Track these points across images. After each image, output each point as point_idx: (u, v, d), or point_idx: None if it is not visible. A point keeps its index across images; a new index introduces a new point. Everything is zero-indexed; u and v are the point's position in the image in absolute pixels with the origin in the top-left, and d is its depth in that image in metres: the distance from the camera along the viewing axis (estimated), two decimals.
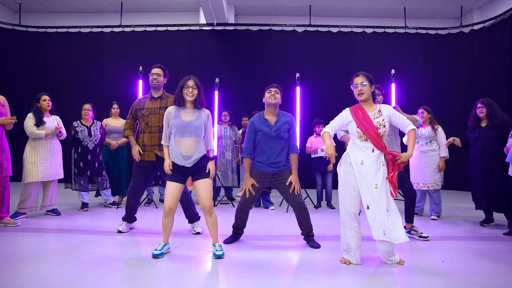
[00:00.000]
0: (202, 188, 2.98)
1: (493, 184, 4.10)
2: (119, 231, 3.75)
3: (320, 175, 5.59)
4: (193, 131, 2.95)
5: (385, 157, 2.80)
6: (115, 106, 5.44)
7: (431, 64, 8.31)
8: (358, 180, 2.78)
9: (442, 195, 4.97)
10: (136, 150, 3.65)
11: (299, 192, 3.32)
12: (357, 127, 2.80)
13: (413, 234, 3.71)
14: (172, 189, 2.96)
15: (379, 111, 2.86)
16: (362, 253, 2.94)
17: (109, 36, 8.77)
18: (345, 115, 2.89)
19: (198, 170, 3.01)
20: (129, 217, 3.84)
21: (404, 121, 2.88)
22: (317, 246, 3.32)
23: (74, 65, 8.66)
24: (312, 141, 5.61)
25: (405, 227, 3.72)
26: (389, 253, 2.86)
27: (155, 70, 3.72)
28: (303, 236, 3.46)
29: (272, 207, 5.43)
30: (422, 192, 4.89)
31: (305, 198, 5.81)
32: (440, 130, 4.78)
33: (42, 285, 2.32)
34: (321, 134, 2.93)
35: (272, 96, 3.37)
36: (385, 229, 2.72)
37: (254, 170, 3.39)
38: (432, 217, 4.74)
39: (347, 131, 3.23)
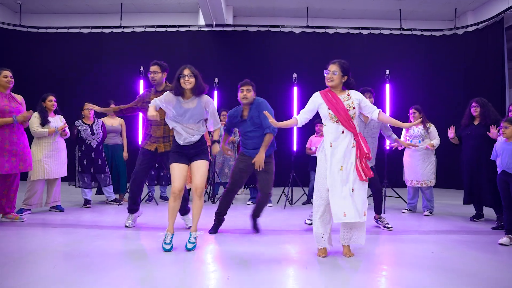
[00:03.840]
0: (198, 169, 3.09)
1: (483, 180, 4.25)
2: (126, 226, 3.87)
3: (314, 173, 5.71)
4: (193, 118, 3.07)
5: (354, 138, 2.89)
6: (112, 105, 5.51)
7: (426, 65, 8.47)
8: (328, 164, 2.89)
9: (435, 193, 5.13)
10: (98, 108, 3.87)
11: (261, 169, 3.54)
12: (329, 109, 2.92)
13: (380, 224, 4.09)
14: (178, 170, 3.06)
15: (348, 95, 2.98)
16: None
17: (109, 36, 8.86)
18: (316, 98, 3.01)
19: (198, 152, 3.15)
20: (133, 206, 3.88)
21: (370, 106, 3.00)
22: (257, 230, 3.75)
23: (74, 65, 8.74)
24: (311, 141, 5.77)
25: (374, 217, 4.17)
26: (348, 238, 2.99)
27: (152, 68, 3.85)
28: (252, 216, 3.78)
29: (269, 204, 5.56)
30: (415, 189, 5.04)
31: (301, 196, 5.96)
32: (432, 128, 4.94)
33: (49, 277, 2.45)
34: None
35: (244, 96, 3.60)
36: (345, 210, 2.79)
37: (243, 154, 3.70)
38: (425, 213, 4.89)
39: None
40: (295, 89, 6.01)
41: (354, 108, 2.93)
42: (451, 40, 8.51)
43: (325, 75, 3.00)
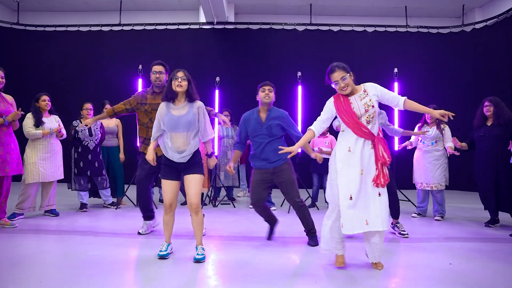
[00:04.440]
0: (192, 184, 2.88)
1: (499, 184, 4.05)
2: (139, 233, 3.67)
3: (317, 176, 5.54)
4: (184, 126, 2.84)
5: (372, 142, 2.65)
6: (107, 106, 5.28)
7: (433, 63, 8.25)
8: (340, 169, 2.65)
9: (446, 195, 4.92)
10: (90, 121, 3.70)
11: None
12: (339, 117, 2.70)
13: (396, 230, 3.84)
14: (169, 186, 2.92)
15: (365, 91, 2.70)
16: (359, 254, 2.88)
17: (108, 35, 8.68)
18: (330, 105, 2.76)
19: (190, 165, 2.92)
20: (147, 213, 3.69)
21: (393, 96, 2.69)
22: (314, 244, 3.34)
23: (73, 64, 8.58)
24: (313, 141, 5.55)
25: (391, 222, 3.87)
26: (375, 251, 2.73)
27: (157, 68, 3.58)
28: (306, 232, 3.47)
29: (273, 208, 5.36)
30: (425, 192, 4.83)
31: (306, 198, 5.75)
32: (447, 129, 4.70)
33: None
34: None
35: (266, 95, 3.42)
36: (368, 218, 2.57)
37: (256, 170, 3.46)
38: (436, 217, 4.68)
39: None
40: (300, 87, 5.80)
41: (373, 106, 2.65)
42: (459, 37, 8.30)
43: (335, 87, 2.71)
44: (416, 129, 4.82)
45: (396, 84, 5.21)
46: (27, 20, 8.90)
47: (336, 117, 2.81)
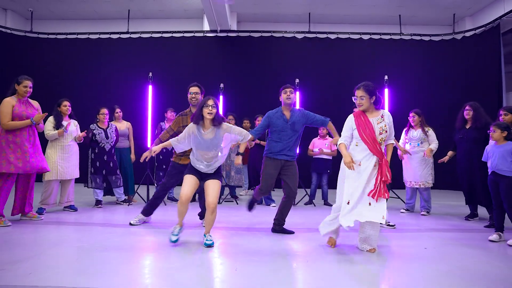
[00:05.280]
0: (212, 187, 3.32)
1: (476, 181, 4.45)
2: (131, 224, 4.10)
3: (316, 175, 5.95)
4: (213, 147, 3.32)
5: (379, 161, 3.07)
6: (117, 110, 5.77)
7: (424, 69, 8.68)
8: (347, 179, 3.09)
9: (433, 194, 5.33)
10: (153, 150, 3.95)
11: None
12: (358, 133, 3.11)
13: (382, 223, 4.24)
14: (190, 180, 3.32)
15: (382, 117, 3.14)
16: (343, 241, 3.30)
17: (116, 42, 9.13)
18: (351, 122, 3.19)
19: (213, 174, 3.40)
20: (150, 211, 4.15)
21: (390, 135, 3.20)
22: (290, 232, 3.86)
23: (83, 70, 9.01)
24: (314, 143, 5.99)
25: None
26: (364, 240, 3.19)
27: (194, 89, 4.05)
28: (277, 223, 3.94)
29: (273, 204, 5.77)
30: (413, 190, 5.24)
31: (304, 196, 6.16)
32: (431, 131, 5.13)
33: (71, 269, 2.68)
34: (337, 146, 3.26)
35: (288, 97, 3.92)
36: (360, 214, 3.01)
37: (269, 158, 3.89)
38: (422, 213, 5.09)
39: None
40: (298, 93, 6.22)
41: (386, 131, 3.10)
42: (450, 45, 8.72)
43: (354, 101, 3.20)
44: (403, 134, 5.29)
45: (386, 91, 5.63)
46: (40, 28, 9.38)
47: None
